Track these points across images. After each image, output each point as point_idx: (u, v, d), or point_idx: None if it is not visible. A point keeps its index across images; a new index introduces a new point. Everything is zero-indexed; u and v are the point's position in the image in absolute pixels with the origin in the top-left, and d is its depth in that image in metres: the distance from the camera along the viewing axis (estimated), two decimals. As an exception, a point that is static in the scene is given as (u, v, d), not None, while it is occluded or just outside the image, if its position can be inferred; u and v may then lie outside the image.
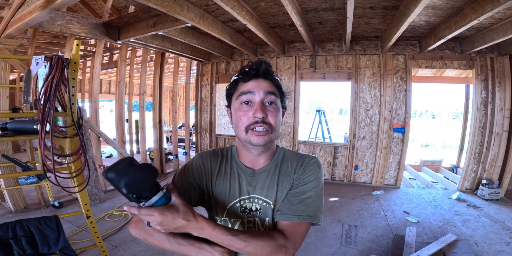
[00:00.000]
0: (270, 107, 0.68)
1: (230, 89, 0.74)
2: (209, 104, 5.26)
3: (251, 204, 0.73)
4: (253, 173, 0.75)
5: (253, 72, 0.69)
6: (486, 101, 3.80)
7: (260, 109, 0.66)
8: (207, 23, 2.99)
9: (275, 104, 0.69)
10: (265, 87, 0.68)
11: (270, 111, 0.68)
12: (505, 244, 2.42)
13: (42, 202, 3.05)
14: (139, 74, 4.57)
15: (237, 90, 0.71)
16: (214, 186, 0.75)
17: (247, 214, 0.73)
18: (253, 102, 0.68)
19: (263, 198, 0.73)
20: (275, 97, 0.69)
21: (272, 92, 0.69)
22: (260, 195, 0.73)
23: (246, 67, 0.71)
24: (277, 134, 0.70)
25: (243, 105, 0.69)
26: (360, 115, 4.23)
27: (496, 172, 3.79)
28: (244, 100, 0.68)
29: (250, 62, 0.71)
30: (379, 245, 2.43)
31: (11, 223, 1.38)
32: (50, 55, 1.41)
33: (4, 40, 2.67)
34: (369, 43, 4.08)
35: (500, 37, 2.92)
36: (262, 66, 0.69)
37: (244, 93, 0.68)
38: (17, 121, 1.69)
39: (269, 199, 0.73)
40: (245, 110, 0.68)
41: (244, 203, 0.74)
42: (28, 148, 3.21)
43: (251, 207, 0.73)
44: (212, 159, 0.78)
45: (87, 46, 5.29)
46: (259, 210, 0.73)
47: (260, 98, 0.67)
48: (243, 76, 0.70)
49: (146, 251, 2.27)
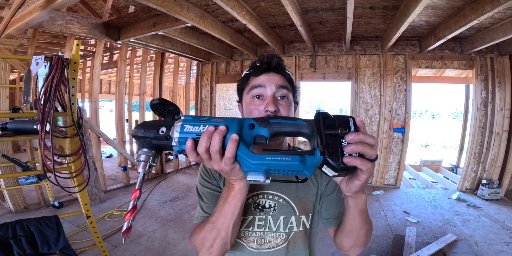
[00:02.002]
0: (282, 101, 0.67)
1: (242, 83, 0.73)
2: (209, 104, 5.26)
3: (264, 200, 0.70)
4: None
5: (264, 66, 0.68)
6: (486, 101, 3.80)
7: (272, 102, 0.64)
8: (207, 23, 2.99)
9: (287, 98, 0.68)
10: (276, 81, 0.67)
11: (282, 105, 0.66)
12: (505, 244, 2.42)
13: (42, 202, 3.05)
14: (139, 74, 4.57)
15: (248, 84, 0.71)
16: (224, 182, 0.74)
17: (259, 211, 0.69)
18: (264, 96, 0.67)
19: (279, 194, 0.70)
20: (287, 91, 0.68)
21: (284, 86, 0.67)
22: (275, 190, 0.71)
23: (258, 62, 0.70)
24: None
25: (254, 99, 0.67)
26: (360, 115, 4.23)
27: (496, 172, 3.79)
28: (256, 94, 0.67)
29: (262, 56, 0.70)
30: (379, 245, 2.43)
31: (11, 223, 1.38)
32: (50, 55, 1.41)
33: (4, 40, 2.67)
34: (369, 43, 4.08)
35: (500, 37, 2.92)
36: (273, 59, 0.68)
37: (256, 87, 0.67)
38: (17, 121, 1.69)
39: (287, 196, 0.70)
40: (256, 104, 0.67)
41: (258, 199, 0.71)
42: (28, 148, 3.21)
43: (264, 204, 0.70)
44: None
45: (87, 46, 5.29)
46: (273, 207, 0.70)
47: (271, 92, 0.66)
48: (255, 70, 0.70)
49: (146, 251, 2.27)
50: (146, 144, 0.46)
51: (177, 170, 5.00)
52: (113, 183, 4.11)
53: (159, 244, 2.38)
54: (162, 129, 0.45)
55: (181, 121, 0.45)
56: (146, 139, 0.46)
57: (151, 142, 0.46)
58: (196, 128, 0.44)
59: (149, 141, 0.46)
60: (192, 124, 0.45)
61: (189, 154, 0.44)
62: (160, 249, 2.30)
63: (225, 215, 0.55)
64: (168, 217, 2.96)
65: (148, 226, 2.73)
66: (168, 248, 2.33)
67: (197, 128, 0.44)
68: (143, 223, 2.81)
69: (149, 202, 3.42)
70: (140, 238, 2.48)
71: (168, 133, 0.45)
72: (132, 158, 4.23)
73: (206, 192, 0.71)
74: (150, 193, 3.73)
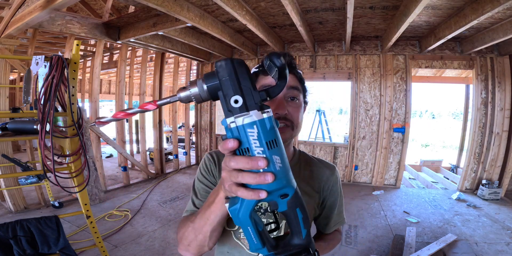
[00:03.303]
0: (292, 102, 0.64)
1: None
2: (209, 104, 5.26)
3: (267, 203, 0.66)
4: None
5: None
6: (486, 101, 3.80)
7: (282, 105, 0.62)
8: (207, 23, 2.99)
9: (298, 100, 0.65)
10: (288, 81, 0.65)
11: (292, 107, 0.64)
12: (505, 244, 2.42)
13: (42, 202, 3.05)
14: (139, 74, 4.57)
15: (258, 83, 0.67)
16: None
17: (261, 214, 0.67)
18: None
19: None
20: (298, 92, 0.65)
21: (295, 87, 0.64)
22: None
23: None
24: (298, 131, 0.67)
25: None
26: (360, 115, 4.23)
27: (496, 172, 3.79)
28: None
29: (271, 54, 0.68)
30: (379, 245, 2.43)
31: (11, 223, 1.37)
32: (50, 55, 1.41)
33: (4, 40, 2.67)
34: (369, 43, 4.08)
35: (500, 37, 2.92)
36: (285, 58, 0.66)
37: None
38: (17, 121, 1.69)
39: None
40: None
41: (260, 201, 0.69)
42: (28, 148, 3.21)
43: (266, 207, 0.67)
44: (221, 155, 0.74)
45: (87, 46, 5.29)
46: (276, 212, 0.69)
47: (282, 93, 0.63)
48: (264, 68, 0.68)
49: (146, 251, 2.27)
50: (213, 84, 0.34)
51: (177, 170, 5.00)
52: (113, 183, 4.11)
53: (159, 244, 2.38)
54: (237, 98, 0.32)
55: (260, 117, 0.32)
56: (226, 82, 0.33)
57: (219, 86, 0.33)
58: (256, 143, 0.33)
59: (227, 84, 0.33)
60: (262, 135, 0.32)
61: (223, 149, 0.35)
62: (160, 249, 2.30)
63: (205, 220, 0.52)
64: (168, 217, 2.96)
65: (148, 226, 2.73)
66: (168, 248, 2.33)
67: (257, 143, 0.33)
68: (143, 223, 2.81)
69: (149, 202, 3.42)
70: (140, 238, 2.48)
71: (238, 111, 0.32)
72: (132, 158, 4.23)
73: (201, 188, 0.71)
74: (150, 193, 3.73)
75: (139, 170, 4.65)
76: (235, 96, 0.33)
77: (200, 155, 5.64)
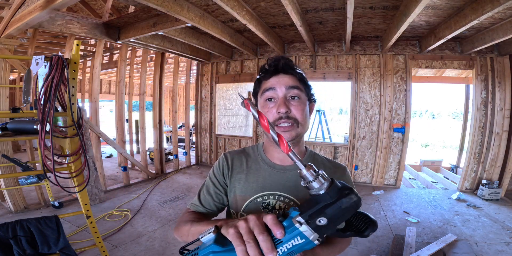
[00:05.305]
0: (293, 101, 0.68)
1: (255, 88, 0.75)
2: (209, 104, 5.26)
3: (275, 201, 0.70)
4: (283, 169, 0.74)
5: (272, 69, 0.70)
6: (486, 101, 3.80)
7: (283, 104, 0.65)
8: (207, 23, 2.99)
9: (299, 98, 0.68)
10: (286, 82, 0.68)
11: (294, 105, 0.67)
12: (505, 244, 2.42)
13: (42, 202, 3.05)
14: (139, 74, 4.57)
15: (260, 88, 0.72)
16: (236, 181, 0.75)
17: (268, 211, 0.69)
18: (276, 98, 0.68)
19: (291, 196, 0.70)
20: (299, 91, 0.68)
21: (294, 86, 0.68)
22: (290, 194, 0.70)
23: (266, 65, 0.71)
24: (304, 128, 0.70)
25: (267, 102, 0.69)
26: (360, 115, 4.23)
27: (496, 172, 3.79)
28: (268, 97, 0.69)
29: (269, 59, 0.71)
30: (379, 245, 2.43)
31: (11, 223, 1.37)
32: (50, 55, 1.41)
33: (4, 40, 2.67)
34: (369, 43, 4.08)
35: (500, 37, 2.92)
36: (280, 61, 0.69)
37: (267, 90, 0.69)
38: (17, 121, 1.68)
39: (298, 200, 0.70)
40: (269, 107, 0.68)
41: (268, 199, 0.70)
42: (28, 148, 3.21)
43: (274, 205, 0.70)
44: (236, 156, 0.79)
45: (87, 46, 5.29)
46: (283, 209, 0.69)
47: (282, 94, 0.67)
48: (264, 74, 0.71)
49: (146, 251, 2.27)
50: (329, 195, 0.37)
51: (177, 170, 5.00)
52: (113, 183, 4.11)
53: (159, 244, 2.38)
54: (325, 221, 0.36)
55: (312, 241, 0.37)
56: (336, 207, 0.36)
57: (329, 202, 0.36)
58: (289, 245, 0.36)
59: (334, 209, 0.36)
60: (296, 249, 0.37)
61: (271, 219, 0.38)
62: (160, 249, 2.30)
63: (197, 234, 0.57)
64: (168, 217, 2.96)
65: (148, 226, 2.73)
66: (168, 248, 2.33)
67: (289, 247, 0.36)
68: (143, 223, 2.81)
69: (149, 202, 3.42)
70: (140, 238, 2.48)
71: (313, 227, 0.36)
72: (132, 158, 4.23)
73: (210, 185, 0.77)
74: (150, 193, 3.73)
75: (139, 170, 4.66)
76: (326, 219, 0.36)
77: (200, 155, 5.64)
